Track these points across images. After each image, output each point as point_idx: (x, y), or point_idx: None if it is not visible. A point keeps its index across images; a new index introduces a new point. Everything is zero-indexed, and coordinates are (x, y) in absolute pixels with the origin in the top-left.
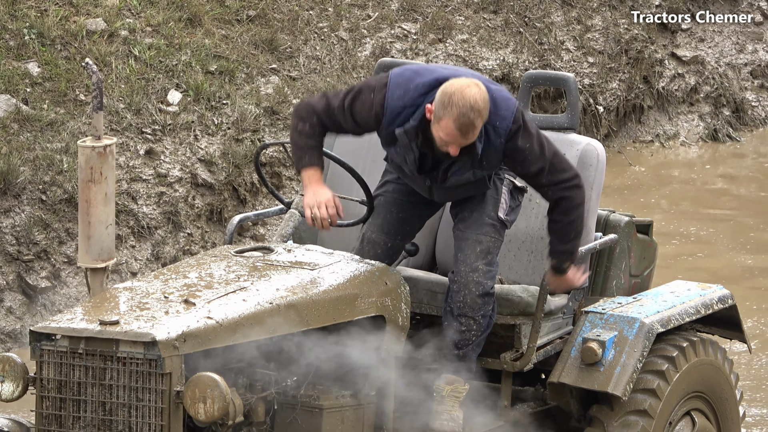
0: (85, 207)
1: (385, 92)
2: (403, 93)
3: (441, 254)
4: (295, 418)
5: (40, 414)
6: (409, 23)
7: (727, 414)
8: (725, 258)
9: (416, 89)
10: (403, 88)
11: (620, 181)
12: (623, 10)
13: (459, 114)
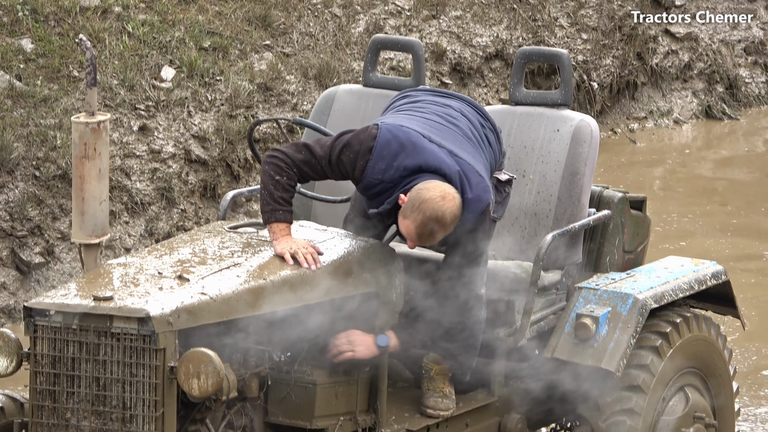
0: (78, 183)
1: (368, 160)
2: (384, 168)
3: None
4: (289, 394)
5: (34, 389)
6: (403, 0)
7: (721, 390)
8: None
9: (397, 170)
10: (386, 162)
11: (616, 159)
12: None
13: (422, 222)
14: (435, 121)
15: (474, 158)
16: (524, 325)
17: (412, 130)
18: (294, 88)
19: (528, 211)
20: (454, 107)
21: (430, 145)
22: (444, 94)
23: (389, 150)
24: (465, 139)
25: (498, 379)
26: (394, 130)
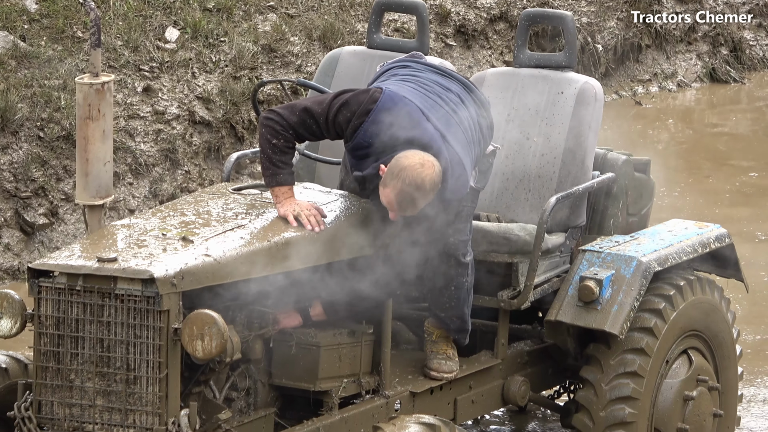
0: (83, 144)
1: (363, 122)
2: (377, 133)
3: None
4: (293, 356)
5: (38, 350)
6: None
7: (724, 352)
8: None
9: (390, 138)
10: (379, 128)
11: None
12: None
13: (402, 190)
14: (437, 103)
15: (464, 150)
16: (527, 287)
17: (414, 104)
18: (298, 49)
19: (532, 173)
20: (453, 91)
21: (426, 124)
22: (446, 74)
23: (386, 117)
24: (460, 130)
25: (501, 341)
26: (396, 99)
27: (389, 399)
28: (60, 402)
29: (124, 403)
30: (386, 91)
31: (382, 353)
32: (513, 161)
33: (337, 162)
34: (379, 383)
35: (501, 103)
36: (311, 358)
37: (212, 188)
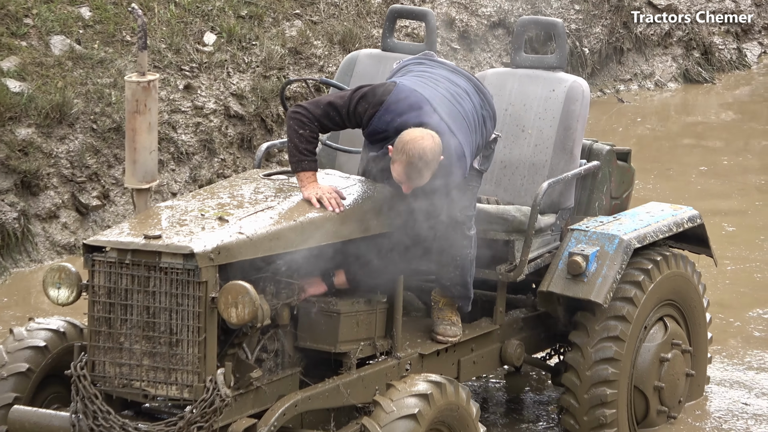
0: (131, 135)
1: (377, 110)
2: (390, 120)
3: None
4: (316, 322)
5: (92, 317)
6: None
7: (696, 320)
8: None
9: (401, 125)
10: (391, 115)
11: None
12: None
13: (408, 162)
14: (444, 96)
15: (466, 140)
16: (522, 262)
17: (423, 96)
18: (321, 52)
19: (526, 161)
20: (461, 86)
21: (434, 114)
22: (455, 70)
23: (398, 106)
24: (463, 120)
25: (499, 309)
26: (407, 91)
27: (401, 360)
28: (111, 362)
29: (167, 363)
30: (399, 84)
31: (395, 320)
32: (510, 151)
33: (357, 151)
34: (392, 346)
35: (499, 100)
36: (332, 323)
37: (245, 174)
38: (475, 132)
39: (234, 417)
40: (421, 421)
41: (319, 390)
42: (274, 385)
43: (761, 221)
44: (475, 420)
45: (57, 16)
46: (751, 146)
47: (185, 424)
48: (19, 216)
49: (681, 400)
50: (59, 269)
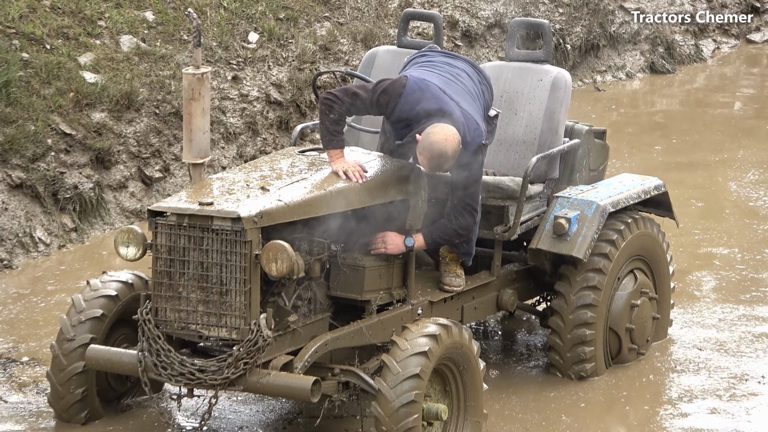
0: (188, 118)
1: (398, 102)
2: (409, 108)
3: None
4: (345, 274)
5: (155, 271)
6: None
7: (660, 272)
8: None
9: (420, 111)
10: (411, 104)
11: (584, 101)
12: None
13: (431, 158)
14: (448, 78)
15: (473, 108)
16: (515, 224)
17: (432, 83)
18: (346, 48)
19: (519, 140)
20: (458, 67)
21: (444, 96)
22: (452, 55)
23: (414, 96)
24: (467, 94)
25: (496, 263)
26: (419, 82)
27: (413, 306)
28: (171, 308)
29: (218, 309)
30: (410, 78)
31: (408, 273)
32: (504, 131)
33: (376, 131)
34: (406, 295)
35: (495, 88)
36: (358, 276)
37: (283, 151)
38: (477, 100)
39: (274, 354)
40: (430, 357)
41: (345, 331)
42: (307, 328)
43: (715, 188)
44: (476, 356)
45: (125, 19)
46: (707, 126)
47: (233, 360)
48: (94, 186)
49: (648, 339)
50: (128, 231)
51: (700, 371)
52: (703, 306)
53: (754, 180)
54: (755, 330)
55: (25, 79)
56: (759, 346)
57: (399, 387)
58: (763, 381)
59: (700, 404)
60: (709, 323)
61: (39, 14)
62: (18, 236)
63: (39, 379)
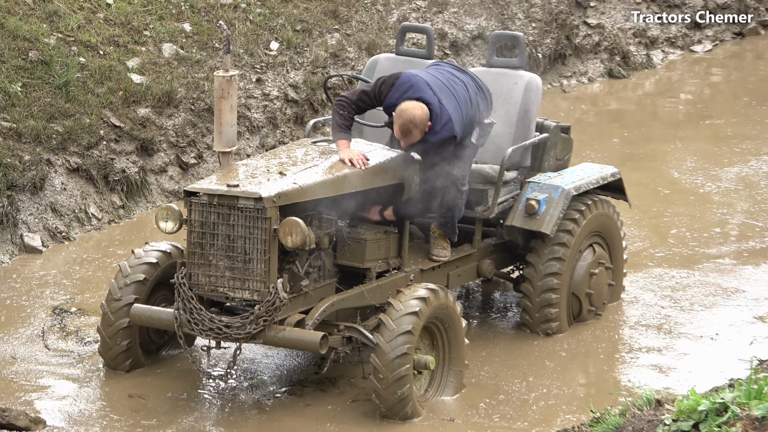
0: (218, 113)
1: (390, 91)
2: (398, 96)
3: None
4: (349, 246)
5: (189, 242)
6: (420, 1)
7: (615, 245)
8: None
9: (404, 99)
10: (399, 92)
11: (553, 101)
12: None
13: (401, 123)
14: (441, 81)
15: (453, 107)
16: (493, 204)
17: (422, 79)
18: (353, 55)
19: (497, 133)
20: (459, 78)
21: (429, 90)
22: (459, 69)
23: (403, 87)
24: (453, 97)
25: (477, 237)
26: (411, 77)
27: (407, 273)
28: (202, 274)
29: (242, 275)
30: (405, 73)
31: (403, 245)
32: None
33: (378, 126)
34: (401, 264)
35: None
36: (361, 247)
37: (298, 141)
38: (465, 105)
39: (289, 313)
40: (420, 316)
41: (349, 294)
42: (317, 291)
43: (662, 174)
44: (459, 316)
45: (167, 29)
46: (657, 121)
47: (254, 317)
48: (139, 170)
49: (605, 302)
50: (167, 208)
51: (653, 328)
52: (662, 272)
53: (692, 167)
54: (709, 292)
55: (81, 80)
56: (714, 308)
57: (394, 341)
58: (716, 338)
59: (650, 358)
60: (667, 285)
61: (94, 25)
62: (75, 212)
63: (83, 329)
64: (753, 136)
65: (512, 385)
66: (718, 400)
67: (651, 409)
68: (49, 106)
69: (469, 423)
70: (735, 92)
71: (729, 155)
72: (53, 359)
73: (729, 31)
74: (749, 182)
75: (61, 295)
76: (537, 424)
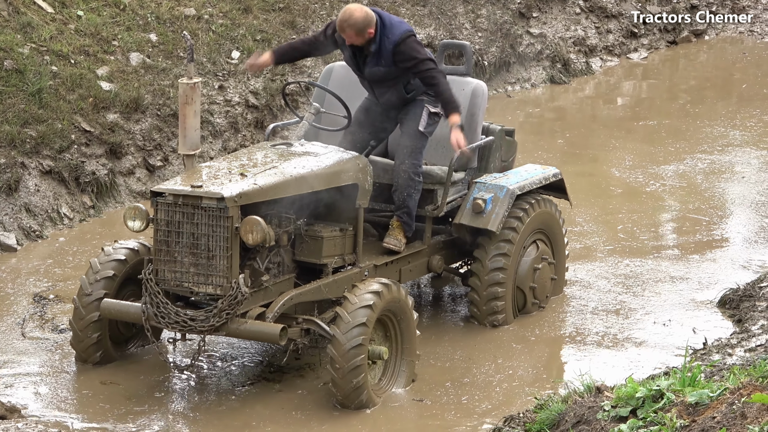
0: (183, 118)
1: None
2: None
3: (391, 148)
4: (307, 243)
5: (156, 239)
6: None
7: (557, 242)
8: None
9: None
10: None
11: (497, 106)
12: (498, 4)
13: (341, 20)
14: None
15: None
16: (443, 203)
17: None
18: (309, 63)
19: (446, 136)
20: None
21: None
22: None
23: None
24: None
25: (427, 235)
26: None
27: (361, 269)
28: (168, 270)
29: (206, 271)
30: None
31: (357, 242)
32: (437, 131)
33: (334, 129)
34: (356, 260)
35: None
36: (318, 244)
37: (258, 145)
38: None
39: (250, 306)
40: (374, 309)
41: (307, 288)
42: (277, 286)
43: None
44: (411, 309)
45: (134, 39)
46: (596, 123)
47: (218, 311)
48: (109, 173)
49: (548, 295)
50: (134, 208)
51: (601, 315)
52: (615, 260)
53: (630, 165)
54: (662, 279)
55: (54, 87)
56: (666, 295)
57: (349, 333)
58: (669, 324)
59: (595, 347)
60: (621, 273)
61: (65, 36)
62: (47, 212)
63: (59, 316)
64: (687, 137)
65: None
66: (654, 388)
67: (591, 396)
68: (23, 112)
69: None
70: (669, 95)
71: (664, 154)
72: (30, 347)
73: (663, 40)
74: (688, 179)
75: (39, 285)
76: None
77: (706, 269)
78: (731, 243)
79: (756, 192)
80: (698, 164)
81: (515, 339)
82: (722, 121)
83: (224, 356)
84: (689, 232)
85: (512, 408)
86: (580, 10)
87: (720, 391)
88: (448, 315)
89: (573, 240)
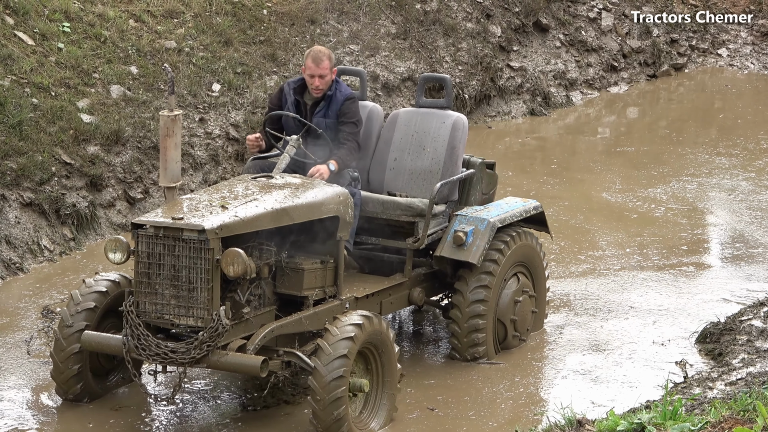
0: (163, 151)
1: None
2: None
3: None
4: (288, 275)
5: (137, 271)
6: (354, 45)
7: (538, 275)
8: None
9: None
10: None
11: (478, 139)
12: (479, 38)
13: (316, 50)
14: None
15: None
16: (423, 236)
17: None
18: None
19: (426, 169)
20: None
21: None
22: None
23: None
24: None
25: (408, 267)
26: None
27: (342, 301)
28: (149, 302)
29: (187, 303)
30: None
31: (338, 274)
32: (414, 163)
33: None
34: (337, 292)
35: (408, 129)
36: (299, 276)
37: (239, 177)
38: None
39: (231, 338)
40: (356, 341)
41: (288, 321)
42: (258, 318)
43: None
44: (392, 341)
45: (115, 72)
46: (577, 154)
47: (199, 343)
48: (89, 205)
49: (528, 328)
50: (115, 240)
51: (582, 349)
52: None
53: (618, 189)
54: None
55: (34, 119)
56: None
57: (330, 365)
58: (650, 357)
59: (576, 380)
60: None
61: (46, 68)
62: (28, 244)
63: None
64: (670, 162)
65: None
66: (636, 421)
67: (573, 430)
68: (3, 144)
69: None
70: (649, 126)
71: (648, 178)
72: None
73: (643, 74)
74: (683, 200)
75: (25, 317)
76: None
77: (689, 302)
78: (714, 273)
79: (746, 218)
80: (687, 186)
81: (495, 372)
82: (704, 149)
83: (203, 390)
84: (673, 265)
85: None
86: (560, 44)
87: (701, 424)
88: (429, 347)
89: (554, 271)
